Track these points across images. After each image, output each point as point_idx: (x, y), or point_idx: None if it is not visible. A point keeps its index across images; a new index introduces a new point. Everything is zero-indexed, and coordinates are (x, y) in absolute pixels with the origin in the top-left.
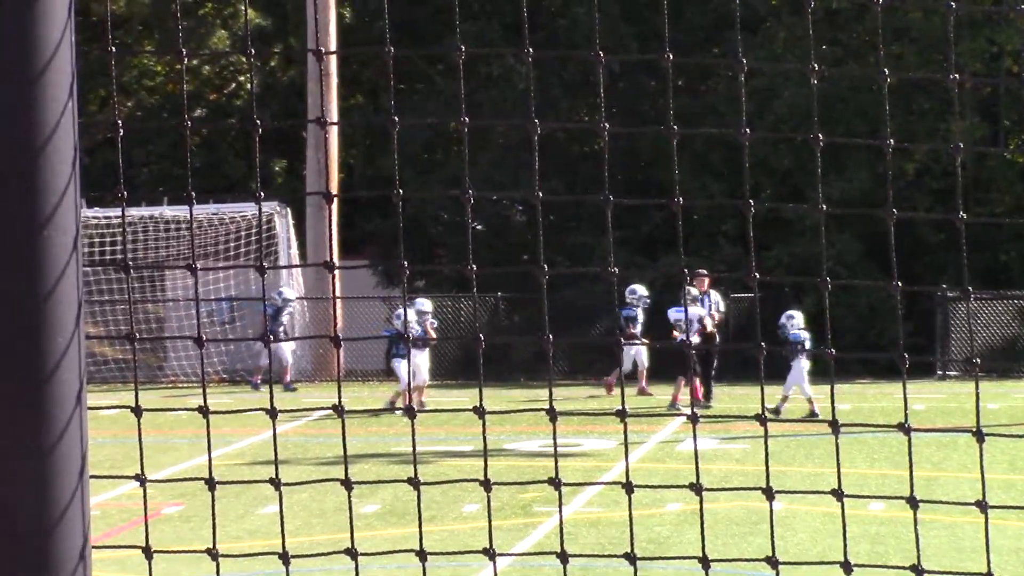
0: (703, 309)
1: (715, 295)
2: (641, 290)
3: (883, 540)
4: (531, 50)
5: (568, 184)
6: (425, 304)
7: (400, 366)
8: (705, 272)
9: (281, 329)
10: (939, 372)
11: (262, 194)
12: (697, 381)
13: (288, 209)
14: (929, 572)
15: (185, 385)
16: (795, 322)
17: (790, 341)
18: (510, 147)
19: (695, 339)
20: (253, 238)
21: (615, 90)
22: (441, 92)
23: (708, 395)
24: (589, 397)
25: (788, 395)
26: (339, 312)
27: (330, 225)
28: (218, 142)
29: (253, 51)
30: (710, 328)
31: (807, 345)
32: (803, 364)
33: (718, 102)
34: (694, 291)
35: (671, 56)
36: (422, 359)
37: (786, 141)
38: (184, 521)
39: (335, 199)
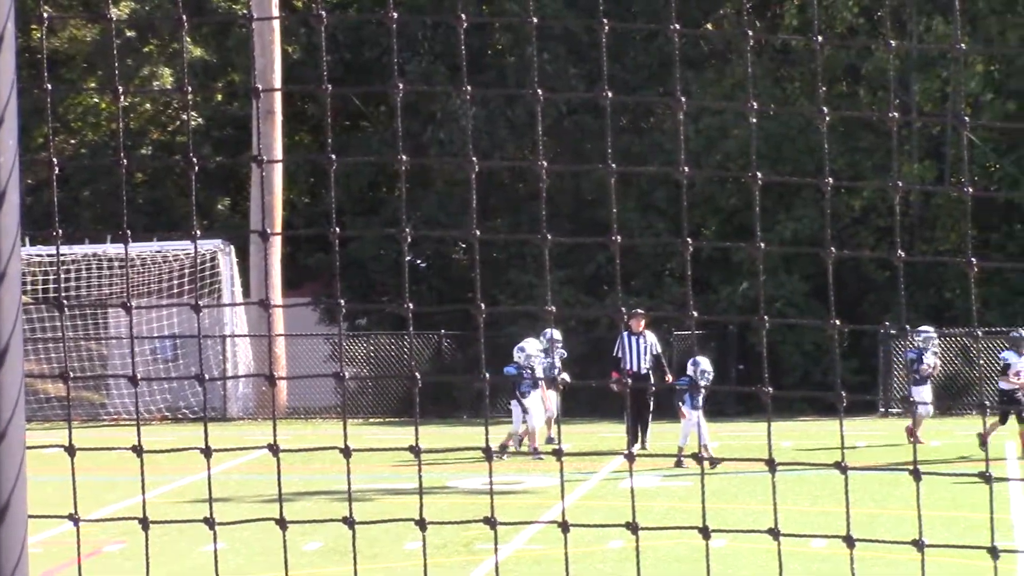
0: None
1: (651, 336)
2: (928, 331)
3: None
4: (469, 88)
5: (513, 223)
6: (536, 343)
7: (524, 404)
8: (641, 311)
9: (557, 371)
10: (881, 409)
11: (198, 232)
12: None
13: (231, 247)
14: None
15: (127, 423)
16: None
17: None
18: (453, 186)
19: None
20: (197, 276)
21: (560, 130)
22: (386, 131)
23: (644, 438)
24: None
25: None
26: (282, 350)
27: (267, 263)
28: (162, 180)
29: (191, 89)
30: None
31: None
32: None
33: (664, 140)
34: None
35: (610, 94)
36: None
37: (733, 179)
38: (126, 559)
39: (277, 237)
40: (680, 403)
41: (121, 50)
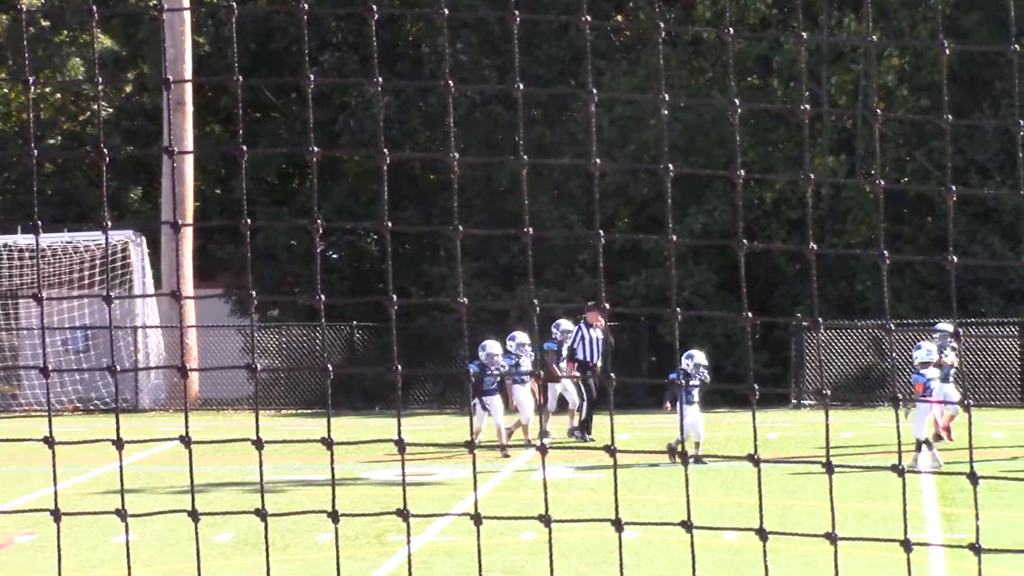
0: None
1: (604, 329)
2: (944, 328)
3: (737, 569)
4: (380, 79)
5: (425, 214)
6: (524, 336)
7: (489, 402)
8: (601, 305)
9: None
10: (793, 401)
11: (109, 224)
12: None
13: (143, 237)
14: None
15: (39, 414)
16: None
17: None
18: (365, 177)
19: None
20: (108, 266)
21: (473, 121)
22: (296, 120)
23: (588, 429)
24: (445, 427)
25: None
26: (194, 341)
27: (178, 254)
28: (72, 170)
29: (101, 80)
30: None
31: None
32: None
33: (577, 130)
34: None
35: (521, 86)
36: (526, 395)
37: (647, 171)
38: (37, 550)
39: (189, 228)
40: (667, 400)
41: (32, 40)
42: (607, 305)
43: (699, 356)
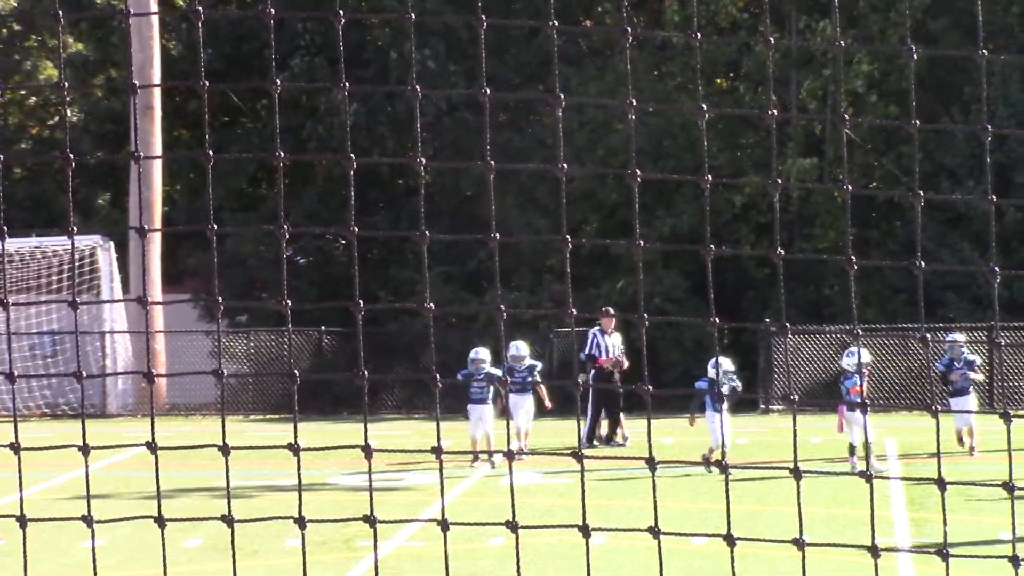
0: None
1: (618, 335)
2: (955, 338)
3: (705, 574)
4: (347, 84)
5: (393, 219)
6: (522, 347)
7: (474, 411)
8: (613, 311)
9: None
10: (762, 407)
11: (75, 228)
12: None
13: (111, 243)
14: None
15: (6, 419)
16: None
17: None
18: (334, 182)
19: None
20: (75, 271)
21: (440, 127)
22: (266, 126)
23: (622, 432)
24: (414, 432)
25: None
26: (162, 346)
27: (144, 259)
28: (42, 175)
29: (69, 85)
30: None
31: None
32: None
33: (545, 135)
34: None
35: (488, 91)
36: (525, 403)
37: (615, 176)
38: (5, 556)
39: (157, 233)
40: (692, 411)
41: (1, 44)
42: (574, 311)
43: (726, 363)
